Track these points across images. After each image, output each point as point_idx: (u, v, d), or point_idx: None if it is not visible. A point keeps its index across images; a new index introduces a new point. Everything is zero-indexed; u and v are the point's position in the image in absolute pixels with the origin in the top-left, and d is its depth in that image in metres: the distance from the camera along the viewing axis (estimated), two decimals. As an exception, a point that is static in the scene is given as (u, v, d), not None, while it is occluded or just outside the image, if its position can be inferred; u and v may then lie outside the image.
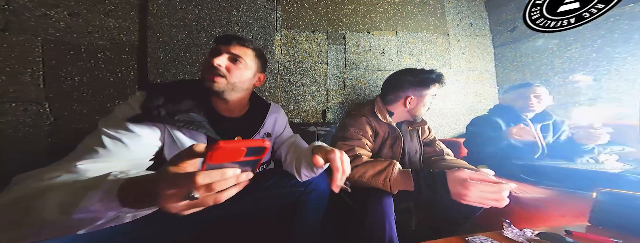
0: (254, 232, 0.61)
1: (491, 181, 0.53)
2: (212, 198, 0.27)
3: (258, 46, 0.63)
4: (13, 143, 0.88)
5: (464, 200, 0.53)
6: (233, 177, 0.27)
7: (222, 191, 0.27)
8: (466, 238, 0.47)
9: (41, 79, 0.92)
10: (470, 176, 0.54)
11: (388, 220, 0.59)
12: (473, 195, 0.52)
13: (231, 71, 0.56)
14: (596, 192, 0.56)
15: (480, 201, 0.53)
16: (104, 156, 0.42)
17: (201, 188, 0.25)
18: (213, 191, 0.26)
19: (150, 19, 1.07)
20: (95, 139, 0.44)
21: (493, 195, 0.52)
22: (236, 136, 0.60)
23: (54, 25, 0.94)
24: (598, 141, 0.92)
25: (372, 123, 0.79)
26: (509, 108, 1.09)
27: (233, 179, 0.28)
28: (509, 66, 1.56)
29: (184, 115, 0.51)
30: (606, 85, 1.17)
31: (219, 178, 0.26)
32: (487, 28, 1.63)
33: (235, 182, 0.28)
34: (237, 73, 0.57)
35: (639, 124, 0.98)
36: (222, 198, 0.27)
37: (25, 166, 0.40)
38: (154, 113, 0.48)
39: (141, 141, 0.47)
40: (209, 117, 0.56)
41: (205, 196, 0.26)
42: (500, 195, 0.52)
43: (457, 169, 0.56)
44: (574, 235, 0.47)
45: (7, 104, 0.87)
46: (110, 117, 0.49)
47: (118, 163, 0.43)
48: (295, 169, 0.59)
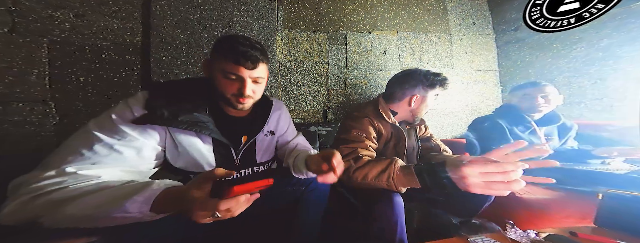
0: (255, 231, 0.61)
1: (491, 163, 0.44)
2: (229, 214, 0.35)
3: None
4: (20, 142, 0.89)
5: (469, 187, 0.45)
6: (246, 201, 0.36)
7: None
8: (469, 239, 0.46)
9: (47, 80, 0.94)
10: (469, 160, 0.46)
11: (399, 220, 0.58)
12: (473, 179, 0.44)
13: (256, 92, 0.56)
14: (602, 193, 0.55)
15: (487, 187, 0.44)
16: (95, 162, 0.40)
17: (222, 211, 0.33)
18: (231, 212, 0.35)
19: (153, 20, 1.08)
20: (84, 142, 0.42)
21: (497, 176, 0.43)
22: (242, 136, 0.59)
23: (60, 26, 0.95)
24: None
25: (375, 123, 0.78)
26: (515, 109, 1.04)
27: (246, 202, 0.36)
28: (513, 65, 1.55)
29: (188, 116, 0.50)
30: (612, 85, 1.15)
31: (235, 204, 0.34)
32: (490, 27, 1.61)
33: (247, 203, 0.36)
34: (259, 91, 0.57)
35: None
36: (236, 214, 0.36)
37: (32, 165, 0.41)
38: (157, 114, 0.47)
39: (138, 145, 0.45)
40: (214, 117, 0.55)
41: (224, 214, 0.34)
42: (506, 175, 0.42)
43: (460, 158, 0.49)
44: (579, 236, 0.47)
45: (14, 104, 0.89)
46: (103, 119, 0.45)
47: (109, 170, 0.41)
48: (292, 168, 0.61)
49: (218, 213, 0.33)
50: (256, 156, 0.62)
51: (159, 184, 0.37)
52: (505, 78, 1.59)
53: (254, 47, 0.51)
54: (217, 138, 0.53)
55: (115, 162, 0.43)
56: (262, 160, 0.63)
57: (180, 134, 0.51)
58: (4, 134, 0.87)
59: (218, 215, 0.33)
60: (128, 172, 0.45)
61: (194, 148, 0.52)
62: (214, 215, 0.33)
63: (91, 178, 0.39)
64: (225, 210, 0.33)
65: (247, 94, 0.52)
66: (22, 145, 0.89)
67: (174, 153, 0.52)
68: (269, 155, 0.67)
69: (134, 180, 0.41)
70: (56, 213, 0.34)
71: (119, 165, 0.43)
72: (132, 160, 0.45)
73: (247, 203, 0.36)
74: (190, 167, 0.54)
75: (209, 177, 0.36)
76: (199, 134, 0.53)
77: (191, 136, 0.52)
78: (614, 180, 0.71)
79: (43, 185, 0.36)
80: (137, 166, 0.46)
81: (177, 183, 0.40)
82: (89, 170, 0.39)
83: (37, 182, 0.36)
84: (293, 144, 0.71)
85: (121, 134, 0.44)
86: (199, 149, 0.53)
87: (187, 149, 0.52)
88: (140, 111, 0.47)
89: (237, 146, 0.58)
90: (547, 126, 1.01)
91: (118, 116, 0.45)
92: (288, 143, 0.71)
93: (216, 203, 0.32)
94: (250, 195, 0.37)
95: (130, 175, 0.45)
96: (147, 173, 0.50)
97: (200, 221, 0.34)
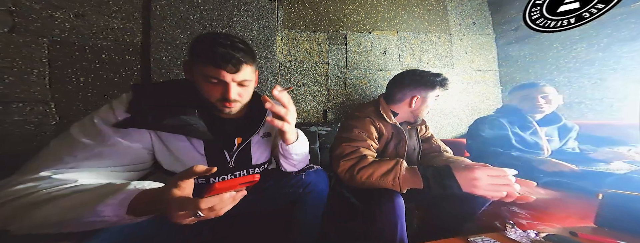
0: (253, 232, 0.61)
1: (494, 168, 0.53)
2: (214, 213, 0.33)
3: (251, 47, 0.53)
4: (20, 142, 0.89)
5: (476, 189, 0.52)
6: (230, 198, 0.34)
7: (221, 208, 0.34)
8: (469, 239, 0.46)
9: (47, 80, 0.94)
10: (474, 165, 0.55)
11: (400, 220, 0.58)
12: (483, 181, 0.51)
13: (243, 95, 0.51)
14: (602, 193, 0.55)
15: (492, 189, 0.51)
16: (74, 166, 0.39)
17: (205, 210, 0.31)
18: (214, 210, 0.33)
19: (153, 20, 1.08)
20: (65, 146, 0.41)
21: (502, 179, 0.52)
22: (236, 138, 0.57)
23: (60, 26, 0.95)
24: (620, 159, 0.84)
25: (376, 123, 0.78)
26: (516, 109, 1.04)
27: (231, 200, 0.34)
28: (513, 65, 1.55)
29: (175, 118, 0.47)
30: (612, 85, 1.15)
31: (218, 202, 0.32)
32: (490, 27, 1.61)
33: (233, 201, 0.35)
34: (246, 94, 0.53)
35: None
36: (221, 212, 0.34)
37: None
38: (140, 117, 0.45)
39: (121, 149, 0.43)
40: (205, 118, 0.52)
41: (208, 213, 0.32)
42: (508, 179, 0.52)
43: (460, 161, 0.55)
44: (579, 236, 0.47)
45: (14, 104, 0.89)
46: (86, 122, 0.44)
47: (87, 174, 0.40)
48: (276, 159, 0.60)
49: (200, 212, 0.31)
50: (252, 158, 0.60)
51: (135, 186, 0.35)
52: (505, 78, 1.59)
53: (235, 48, 0.46)
54: (209, 141, 0.51)
55: (97, 166, 0.41)
56: (258, 161, 0.62)
57: (168, 137, 0.49)
58: (4, 134, 0.87)
59: (200, 214, 0.31)
60: (109, 176, 0.43)
61: (184, 151, 0.51)
62: (196, 214, 0.31)
63: (67, 182, 0.37)
64: (208, 210, 0.31)
65: (233, 99, 0.48)
66: (22, 145, 0.89)
67: (165, 155, 0.50)
68: (266, 156, 0.65)
69: (113, 182, 0.39)
70: (26, 219, 0.32)
71: (100, 169, 0.42)
72: (114, 163, 0.43)
73: (232, 202, 0.34)
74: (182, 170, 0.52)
75: (187, 175, 0.34)
76: (189, 137, 0.50)
77: (180, 138, 0.50)
78: (614, 180, 0.71)
79: (15, 191, 0.34)
80: (120, 170, 0.44)
81: (158, 184, 0.38)
82: (64, 174, 0.38)
83: (10, 187, 0.35)
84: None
85: (103, 138, 0.42)
86: (189, 152, 0.51)
87: (177, 153, 0.50)
88: (123, 114, 0.44)
89: (230, 148, 0.56)
90: (548, 127, 1.01)
91: (101, 119, 0.44)
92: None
93: (197, 202, 0.30)
94: (235, 193, 0.34)
95: (112, 179, 0.42)
96: (135, 176, 0.48)
97: (182, 221, 0.32)
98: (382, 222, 0.58)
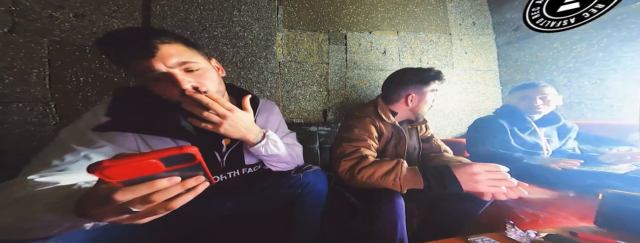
0: (252, 233, 0.61)
1: (489, 164, 0.55)
2: (162, 207, 0.27)
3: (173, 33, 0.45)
4: (19, 142, 0.89)
5: (477, 185, 0.53)
6: (176, 186, 0.27)
7: (172, 200, 0.27)
8: (468, 239, 0.46)
9: (47, 80, 0.94)
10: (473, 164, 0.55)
11: (400, 220, 0.58)
12: (484, 180, 0.52)
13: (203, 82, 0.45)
14: (602, 193, 0.55)
15: (492, 185, 0.53)
16: (62, 169, 0.39)
17: (134, 202, 0.25)
18: (154, 202, 0.26)
19: (153, 20, 1.08)
20: (54, 151, 0.41)
21: (498, 174, 0.53)
22: (223, 139, 0.56)
23: (60, 26, 0.95)
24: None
25: (376, 123, 0.78)
26: (514, 110, 1.04)
27: (176, 187, 0.27)
28: (513, 65, 1.55)
29: (157, 121, 0.46)
30: (612, 85, 1.15)
31: (148, 191, 0.25)
32: (490, 27, 1.61)
33: (182, 189, 0.28)
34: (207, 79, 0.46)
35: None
36: (174, 205, 0.27)
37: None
38: (120, 120, 0.44)
39: (107, 152, 0.43)
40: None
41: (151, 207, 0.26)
42: (504, 174, 0.53)
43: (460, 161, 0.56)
44: (579, 236, 0.47)
45: (14, 104, 0.89)
46: (73, 126, 0.44)
47: (71, 176, 0.39)
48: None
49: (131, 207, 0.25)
50: (244, 159, 0.59)
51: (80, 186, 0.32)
52: (505, 78, 1.59)
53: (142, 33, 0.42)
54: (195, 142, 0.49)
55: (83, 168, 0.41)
56: (252, 161, 0.61)
57: (153, 139, 0.48)
58: (4, 134, 0.87)
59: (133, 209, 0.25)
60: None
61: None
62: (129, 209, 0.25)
63: (48, 184, 0.36)
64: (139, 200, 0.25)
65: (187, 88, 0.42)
66: (22, 145, 0.89)
67: None
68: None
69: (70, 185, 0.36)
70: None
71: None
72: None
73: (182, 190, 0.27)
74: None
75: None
76: (175, 139, 0.49)
77: (166, 141, 0.49)
78: (614, 180, 0.71)
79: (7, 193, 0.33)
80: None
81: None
82: (49, 177, 0.37)
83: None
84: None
85: (88, 141, 0.42)
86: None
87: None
88: (105, 118, 0.44)
89: (220, 149, 0.55)
90: (547, 127, 1.01)
91: (86, 122, 0.44)
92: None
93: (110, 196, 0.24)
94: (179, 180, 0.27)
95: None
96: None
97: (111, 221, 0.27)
98: (382, 222, 0.58)
